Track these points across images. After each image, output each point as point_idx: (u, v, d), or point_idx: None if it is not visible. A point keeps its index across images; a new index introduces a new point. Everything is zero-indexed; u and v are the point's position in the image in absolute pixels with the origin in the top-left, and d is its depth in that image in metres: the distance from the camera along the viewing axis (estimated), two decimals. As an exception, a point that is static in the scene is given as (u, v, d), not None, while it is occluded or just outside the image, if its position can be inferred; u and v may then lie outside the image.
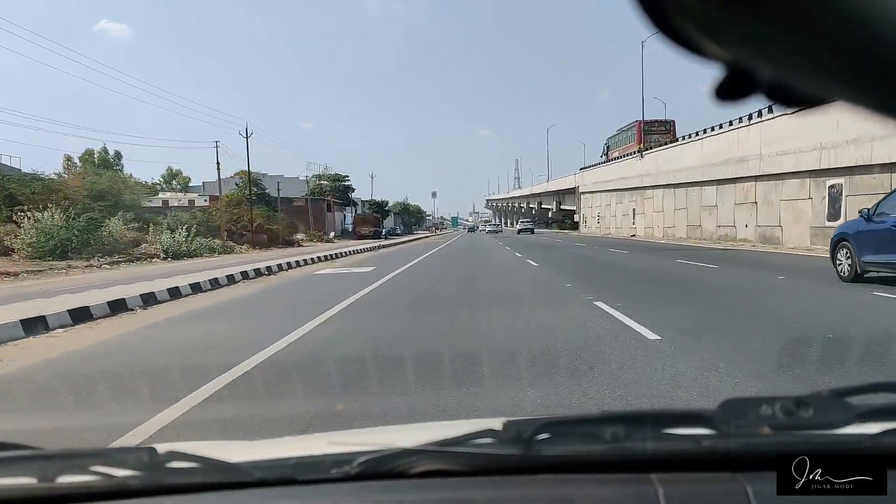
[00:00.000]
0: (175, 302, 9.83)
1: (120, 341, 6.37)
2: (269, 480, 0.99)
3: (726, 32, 0.39)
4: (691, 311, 7.51)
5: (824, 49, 0.37)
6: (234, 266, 16.59)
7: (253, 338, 5.95)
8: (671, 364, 4.59)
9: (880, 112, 0.41)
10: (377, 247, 33.39)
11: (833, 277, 10.18)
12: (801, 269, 13.38)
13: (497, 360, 4.86)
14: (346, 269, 17.11)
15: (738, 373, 4.30)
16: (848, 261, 9.89)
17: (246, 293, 11.21)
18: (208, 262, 20.63)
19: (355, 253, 27.12)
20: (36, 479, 0.98)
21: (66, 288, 11.19)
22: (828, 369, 4.46)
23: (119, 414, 3.66)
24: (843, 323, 6.46)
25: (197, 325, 7.49)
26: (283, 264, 17.40)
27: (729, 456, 0.95)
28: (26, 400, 4.28)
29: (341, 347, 5.59)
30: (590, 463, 0.97)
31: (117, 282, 12.52)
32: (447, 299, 9.16)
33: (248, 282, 13.55)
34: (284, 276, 15.21)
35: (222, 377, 4.39)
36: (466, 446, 1.00)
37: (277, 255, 24.94)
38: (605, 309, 7.43)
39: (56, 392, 4.43)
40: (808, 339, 5.41)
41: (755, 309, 7.55)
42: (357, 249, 29.22)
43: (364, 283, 11.98)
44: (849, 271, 9.84)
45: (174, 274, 14.43)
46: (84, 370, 5.02)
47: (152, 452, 1.01)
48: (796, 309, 7.44)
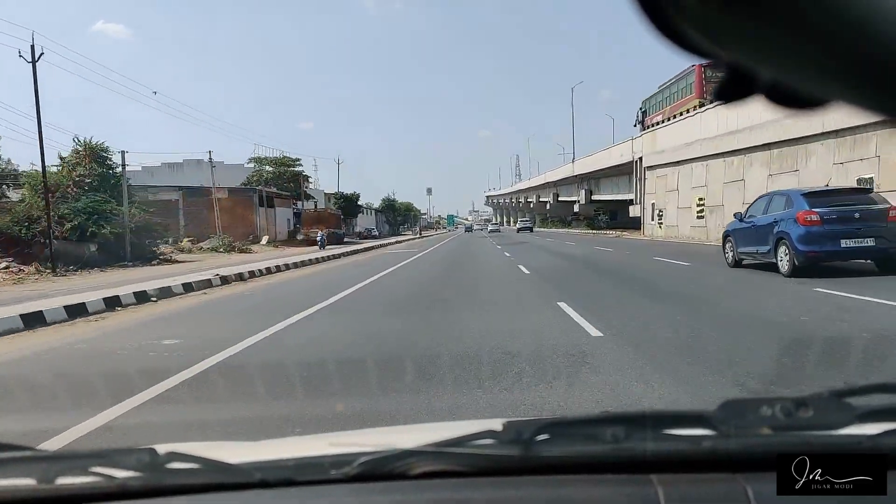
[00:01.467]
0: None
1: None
2: (269, 481, 0.99)
3: (726, 32, 0.39)
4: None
5: (824, 49, 0.37)
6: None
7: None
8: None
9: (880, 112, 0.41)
10: (277, 268, 18.15)
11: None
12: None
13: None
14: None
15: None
16: (731, 252, 13.20)
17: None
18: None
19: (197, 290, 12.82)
20: (36, 480, 0.97)
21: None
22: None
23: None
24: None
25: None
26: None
27: (729, 456, 0.95)
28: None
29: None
30: (590, 464, 0.97)
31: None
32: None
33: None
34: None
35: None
36: (466, 447, 1.00)
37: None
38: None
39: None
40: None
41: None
42: (216, 279, 14.07)
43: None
44: (732, 259, 13.19)
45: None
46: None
47: (152, 453, 1.01)
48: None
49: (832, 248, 10.50)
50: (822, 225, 10.52)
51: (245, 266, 18.18)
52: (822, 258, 10.62)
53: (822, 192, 12.05)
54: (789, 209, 11.16)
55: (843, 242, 10.48)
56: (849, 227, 10.46)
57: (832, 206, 10.78)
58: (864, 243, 10.49)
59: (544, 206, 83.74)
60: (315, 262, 22.32)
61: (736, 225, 13.12)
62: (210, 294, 12.31)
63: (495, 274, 14.53)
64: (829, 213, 10.58)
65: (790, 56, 0.39)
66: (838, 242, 10.47)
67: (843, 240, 10.47)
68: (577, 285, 11.23)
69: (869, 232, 10.45)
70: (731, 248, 13.19)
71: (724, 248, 13.64)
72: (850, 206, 10.80)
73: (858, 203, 10.91)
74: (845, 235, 10.46)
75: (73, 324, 8.47)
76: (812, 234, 10.57)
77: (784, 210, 11.31)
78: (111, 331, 7.80)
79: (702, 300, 8.62)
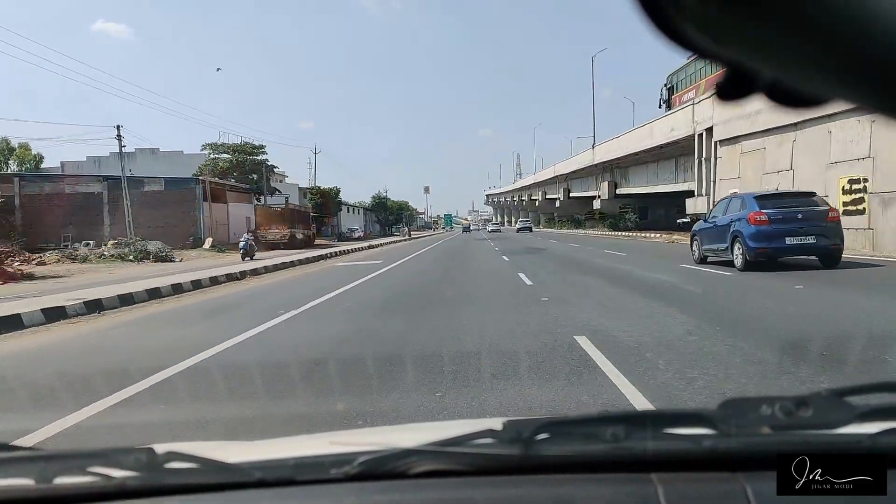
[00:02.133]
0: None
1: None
2: (269, 481, 0.99)
3: (726, 32, 0.39)
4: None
5: (824, 49, 0.37)
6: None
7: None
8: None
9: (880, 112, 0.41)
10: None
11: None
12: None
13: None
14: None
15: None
16: (697, 250, 14.65)
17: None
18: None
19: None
20: (34, 479, 0.97)
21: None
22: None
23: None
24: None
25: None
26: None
27: (729, 456, 0.95)
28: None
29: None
30: (590, 463, 0.97)
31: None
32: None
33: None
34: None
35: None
36: (466, 446, 1.00)
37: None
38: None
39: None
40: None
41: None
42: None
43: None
44: (698, 257, 14.56)
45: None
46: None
47: (151, 453, 1.00)
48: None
49: (778, 244, 11.71)
50: (770, 224, 11.72)
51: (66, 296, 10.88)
52: (770, 254, 11.83)
53: (771, 195, 13.03)
54: (743, 210, 12.35)
55: (787, 240, 11.68)
56: (793, 227, 11.69)
57: (779, 207, 11.98)
58: (807, 241, 11.71)
59: (552, 204, 73.66)
60: (211, 284, 14.17)
61: (702, 225, 14.59)
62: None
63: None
64: (776, 213, 11.78)
65: (790, 55, 0.38)
66: (784, 240, 11.67)
67: (787, 237, 11.67)
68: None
69: (811, 230, 11.68)
70: (697, 246, 14.65)
71: (691, 247, 15.20)
72: (794, 207, 12.02)
73: (802, 205, 12.14)
74: (790, 234, 11.66)
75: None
76: (761, 232, 11.75)
77: (739, 211, 12.51)
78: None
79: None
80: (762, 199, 12.31)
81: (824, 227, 11.75)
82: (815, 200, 12.56)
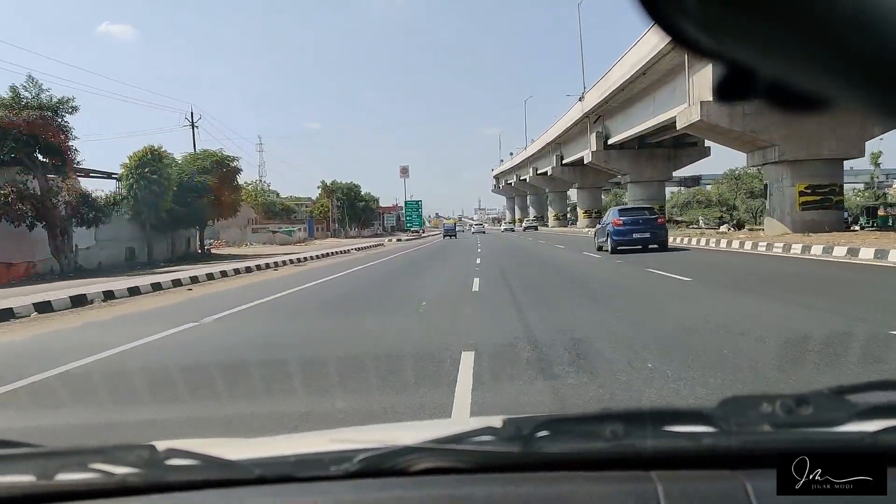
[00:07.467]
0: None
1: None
2: (269, 478, 0.99)
3: (726, 32, 0.39)
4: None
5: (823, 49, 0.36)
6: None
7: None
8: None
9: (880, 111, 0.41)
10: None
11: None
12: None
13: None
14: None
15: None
16: (595, 242, 22.18)
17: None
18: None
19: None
20: (35, 476, 0.98)
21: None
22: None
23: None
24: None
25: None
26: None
27: (729, 454, 0.95)
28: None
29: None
30: (590, 460, 0.97)
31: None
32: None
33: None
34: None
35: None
36: (466, 444, 1.00)
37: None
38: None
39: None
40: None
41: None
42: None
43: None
44: (596, 247, 21.67)
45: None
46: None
47: (152, 450, 1.01)
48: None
49: (629, 237, 19.34)
50: (623, 226, 19.48)
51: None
52: (624, 244, 19.29)
53: (628, 208, 22.43)
54: (611, 217, 20.46)
55: (633, 235, 19.38)
56: (636, 227, 19.42)
57: (629, 215, 19.95)
58: (644, 235, 19.44)
59: (543, 179, 64.09)
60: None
61: (597, 226, 24.94)
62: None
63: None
64: (627, 219, 19.66)
65: (790, 54, 0.38)
66: (631, 235, 19.37)
67: (633, 234, 19.37)
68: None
69: (646, 229, 19.42)
70: (595, 239, 22.46)
71: (594, 240, 22.73)
72: (637, 215, 19.89)
73: (642, 214, 20.10)
74: (634, 231, 19.37)
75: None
76: (619, 230, 19.46)
77: (610, 218, 20.62)
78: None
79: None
80: (621, 211, 20.47)
81: (655, 226, 19.66)
82: (651, 209, 21.44)
